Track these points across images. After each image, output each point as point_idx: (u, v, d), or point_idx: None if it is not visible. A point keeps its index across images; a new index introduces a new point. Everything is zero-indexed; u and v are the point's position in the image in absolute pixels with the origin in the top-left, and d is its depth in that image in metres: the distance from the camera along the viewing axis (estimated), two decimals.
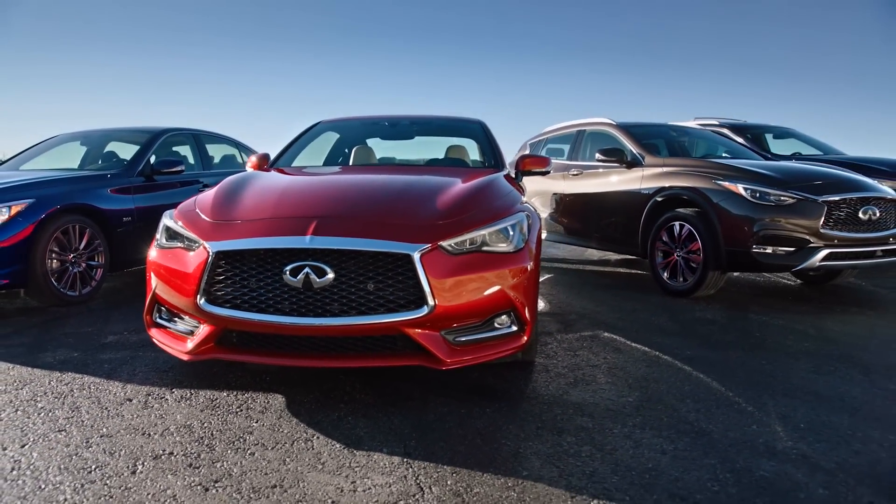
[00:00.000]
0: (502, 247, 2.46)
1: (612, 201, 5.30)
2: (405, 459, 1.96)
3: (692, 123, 8.29)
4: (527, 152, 7.09)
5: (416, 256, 2.23)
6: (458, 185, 2.84)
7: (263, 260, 2.29)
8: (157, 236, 2.67)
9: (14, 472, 1.86)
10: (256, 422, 2.24)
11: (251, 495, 1.74)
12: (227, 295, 2.31)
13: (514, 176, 3.75)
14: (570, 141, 6.28)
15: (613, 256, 6.85)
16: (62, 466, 1.90)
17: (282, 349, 2.36)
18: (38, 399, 2.46)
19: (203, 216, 2.57)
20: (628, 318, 3.87)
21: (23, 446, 2.04)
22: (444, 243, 2.33)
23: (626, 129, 5.52)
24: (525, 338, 2.47)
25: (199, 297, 2.33)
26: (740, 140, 7.37)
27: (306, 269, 2.21)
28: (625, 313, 4.01)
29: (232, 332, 2.38)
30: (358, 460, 1.95)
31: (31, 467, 1.89)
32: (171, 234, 2.59)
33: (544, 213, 6.28)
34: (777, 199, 4.09)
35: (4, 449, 2.02)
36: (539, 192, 6.37)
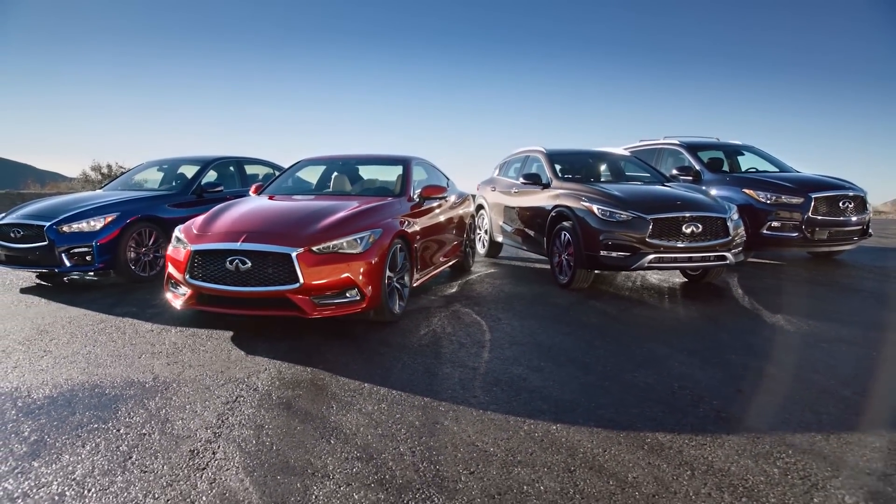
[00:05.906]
0: (354, 250, 4.21)
1: (534, 215, 6.81)
2: (272, 360, 3.76)
3: (661, 140, 9.49)
4: (497, 171, 8.69)
5: (294, 255, 4.03)
6: (345, 211, 4.60)
7: (216, 254, 4.18)
8: (172, 241, 4.65)
9: (88, 355, 3.87)
10: (210, 343, 4.14)
11: (188, 366, 3.62)
12: (199, 273, 4.24)
13: (417, 200, 5.45)
14: (521, 163, 7.81)
15: None
16: (108, 354, 3.89)
17: (227, 304, 4.24)
18: (107, 328, 4.51)
19: (193, 230, 4.52)
20: (500, 301, 5.45)
21: (94, 346, 4.06)
22: (314, 248, 4.11)
23: (549, 156, 7.00)
24: (364, 304, 4.20)
25: (186, 274, 4.27)
26: (690, 158, 8.56)
27: (236, 260, 4.08)
28: (504, 297, 5.59)
29: (204, 294, 4.30)
30: (247, 359, 3.78)
31: (94, 354, 3.89)
32: (177, 240, 4.55)
33: (500, 221, 7.86)
34: (618, 217, 5.50)
35: (85, 346, 4.05)
36: (496, 204, 7.97)
